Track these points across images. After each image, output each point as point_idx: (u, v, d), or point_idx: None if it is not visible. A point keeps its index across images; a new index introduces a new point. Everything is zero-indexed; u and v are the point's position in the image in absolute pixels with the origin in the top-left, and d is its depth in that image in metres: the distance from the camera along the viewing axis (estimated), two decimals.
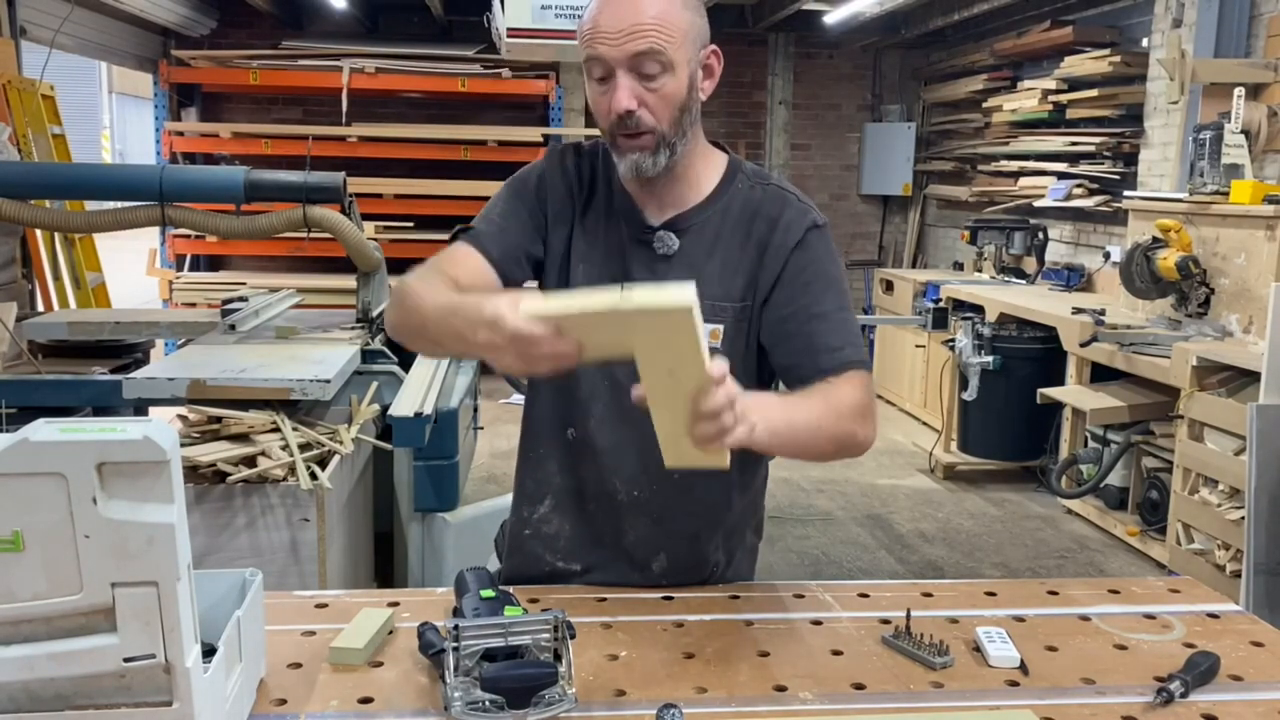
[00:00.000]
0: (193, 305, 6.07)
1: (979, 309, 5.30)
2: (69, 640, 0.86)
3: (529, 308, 1.05)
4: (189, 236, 6.34)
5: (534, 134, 6.57)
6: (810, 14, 6.87)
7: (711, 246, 1.39)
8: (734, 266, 1.39)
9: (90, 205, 3.85)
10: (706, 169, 1.42)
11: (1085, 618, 1.30)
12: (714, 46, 1.36)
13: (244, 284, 5.80)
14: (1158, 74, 4.94)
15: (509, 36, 4.15)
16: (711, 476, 1.42)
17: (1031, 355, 4.96)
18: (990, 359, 5.00)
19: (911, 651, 1.18)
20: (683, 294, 0.98)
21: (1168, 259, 4.13)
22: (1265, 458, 3.13)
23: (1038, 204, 5.96)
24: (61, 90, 4.90)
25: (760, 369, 1.42)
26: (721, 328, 1.38)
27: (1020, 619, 1.29)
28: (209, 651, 0.92)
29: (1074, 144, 5.65)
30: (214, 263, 7.00)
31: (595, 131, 1.60)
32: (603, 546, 1.44)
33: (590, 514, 1.44)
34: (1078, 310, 4.71)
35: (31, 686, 0.86)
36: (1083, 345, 4.36)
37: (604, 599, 1.36)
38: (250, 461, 2.37)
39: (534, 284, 1.45)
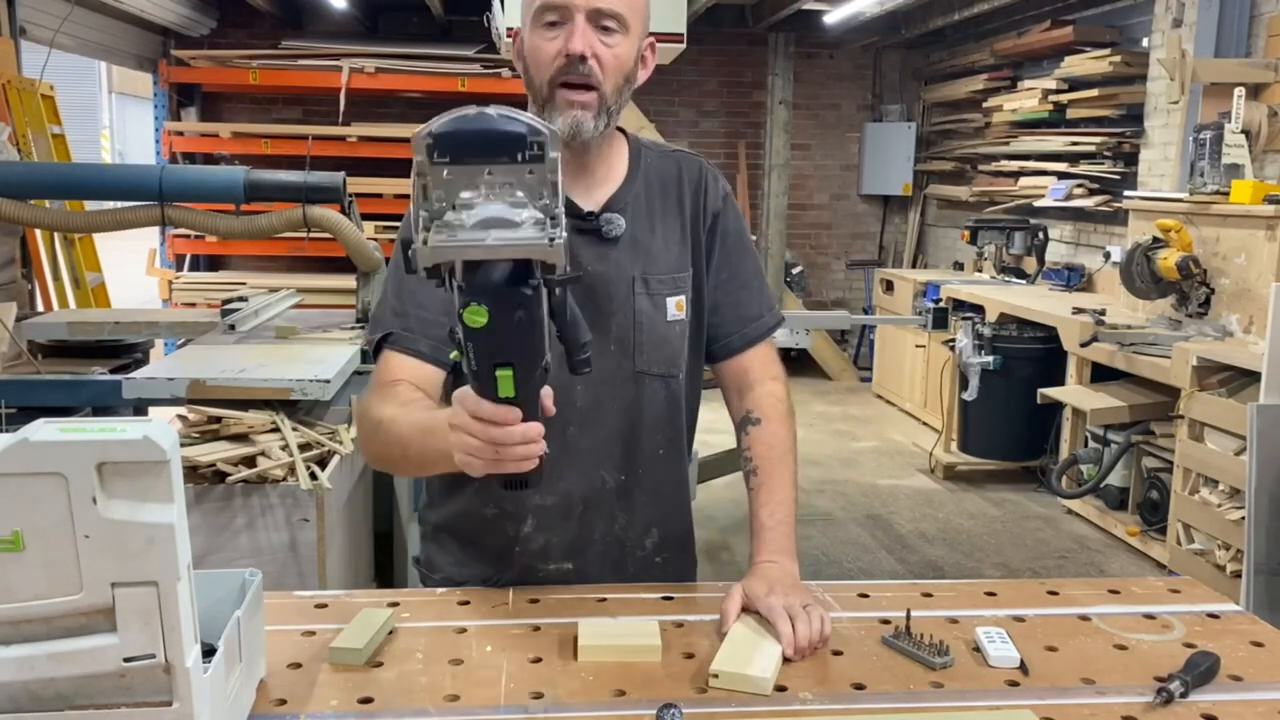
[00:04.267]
0: (192, 305, 6.07)
1: (979, 309, 5.30)
2: (69, 640, 0.86)
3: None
4: (188, 236, 6.34)
5: None
6: (810, 14, 6.87)
7: (649, 221, 1.40)
8: (673, 237, 1.41)
9: (90, 205, 3.85)
10: (618, 149, 1.42)
11: (1085, 618, 1.30)
12: (652, 39, 1.37)
13: (244, 284, 5.80)
14: (1158, 74, 4.95)
15: (509, 36, 4.14)
16: (675, 446, 1.45)
17: (1032, 355, 4.96)
18: (990, 359, 5.00)
19: (911, 652, 1.18)
20: (764, 681, 1.11)
21: (1168, 259, 4.13)
22: (1265, 458, 3.13)
23: (1038, 204, 5.96)
24: (61, 90, 4.90)
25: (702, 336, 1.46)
26: (684, 298, 1.40)
27: (1020, 619, 1.29)
28: (209, 651, 0.92)
29: (1074, 144, 5.65)
30: (214, 263, 7.00)
31: None
32: (594, 541, 1.42)
33: (579, 516, 1.41)
34: (1078, 310, 4.71)
35: (31, 686, 0.86)
36: (1083, 345, 4.36)
37: (604, 599, 1.36)
38: (250, 461, 2.37)
39: None
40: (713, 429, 2.41)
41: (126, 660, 0.86)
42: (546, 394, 1.06)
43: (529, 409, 1.03)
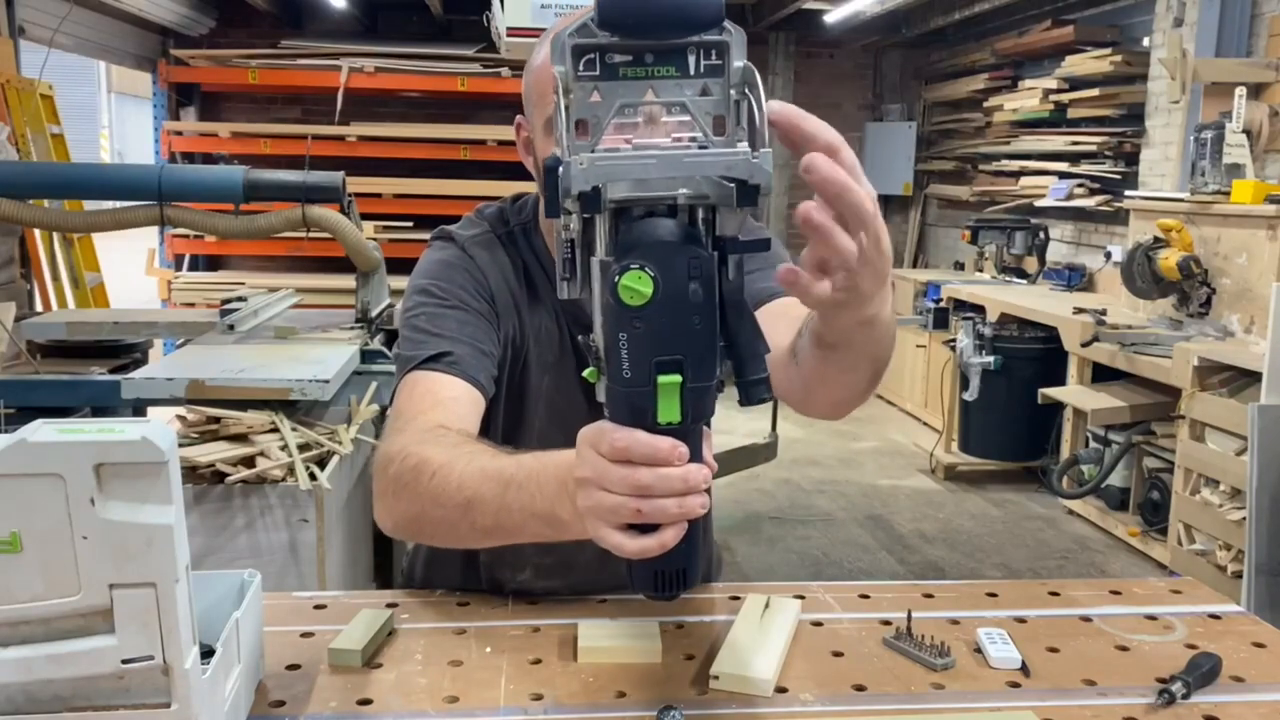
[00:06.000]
0: (191, 305, 6.07)
1: (980, 309, 5.30)
2: (67, 642, 0.86)
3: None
4: (188, 236, 6.33)
5: None
6: (810, 13, 6.87)
7: None
8: None
9: (89, 205, 3.84)
10: None
11: (1087, 619, 1.30)
12: None
13: (243, 284, 5.80)
14: (1159, 73, 4.94)
15: (509, 35, 4.14)
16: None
17: (1032, 355, 4.96)
18: (991, 359, 5.00)
19: (912, 653, 1.18)
20: (765, 683, 1.07)
21: (1169, 259, 4.13)
22: (1266, 458, 3.12)
23: (1039, 204, 5.96)
24: (60, 90, 4.90)
25: None
26: None
27: (1021, 620, 1.29)
28: (208, 653, 0.92)
29: (1075, 143, 5.65)
30: (212, 262, 7.00)
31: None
32: (600, 589, 1.31)
33: (584, 566, 1.28)
34: (1079, 310, 4.71)
35: (30, 688, 0.86)
36: (1084, 345, 4.35)
37: (604, 600, 1.35)
38: (249, 462, 2.36)
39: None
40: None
41: (125, 662, 0.86)
42: (709, 439, 0.80)
43: (693, 446, 0.77)
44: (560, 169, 0.70)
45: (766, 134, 0.72)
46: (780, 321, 1.11)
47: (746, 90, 0.73)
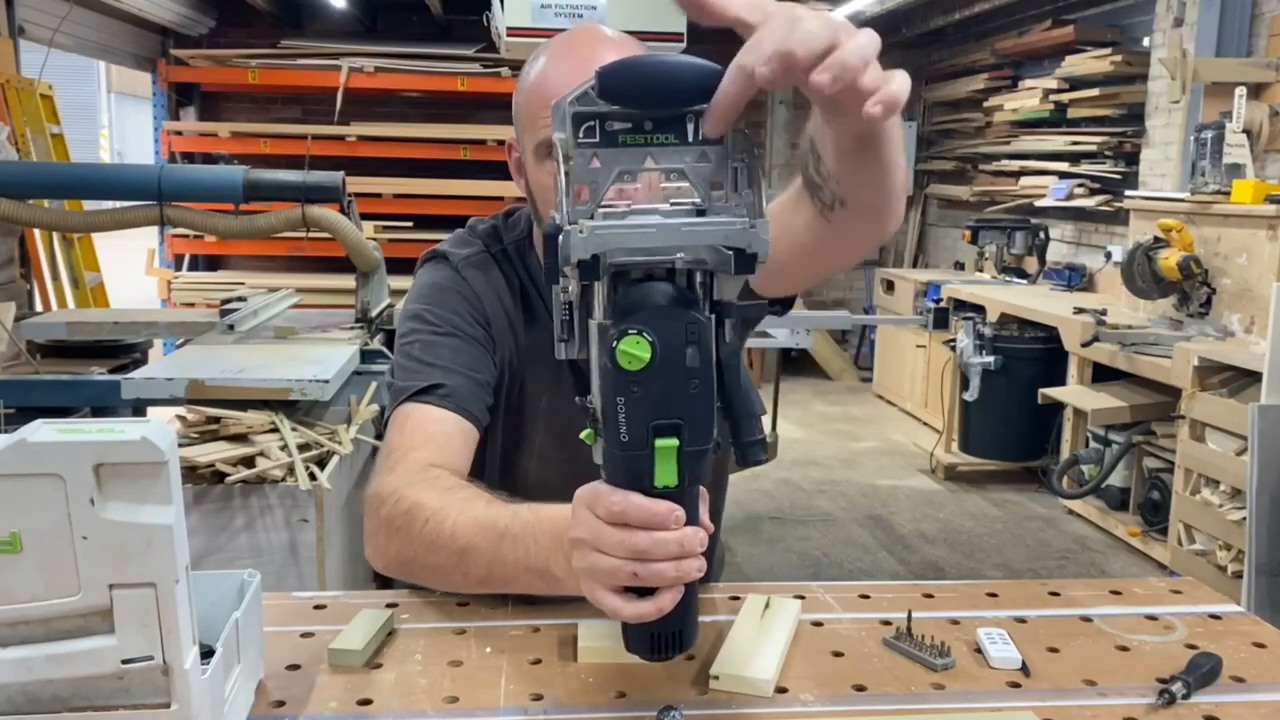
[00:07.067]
0: (191, 305, 6.07)
1: (980, 309, 5.30)
2: (67, 642, 0.86)
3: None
4: (187, 236, 6.33)
5: None
6: None
7: None
8: None
9: (89, 205, 3.85)
10: None
11: (1087, 619, 1.30)
12: None
13: (243, 284, 5.80)
14: (1159, 73, 4.94)
15: (509, 35, 4.15)
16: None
17: (1033, 355, 4.96)
18: (991, 359, 5.00)
19: (912, 653, 1.18)
20: (764, 683, 1.06)
21: (1169, 259, 4.13)
22: (1267, 458, 3.12)
23: (1039, 204, 5.96)
24: (60, 89, 4.90)
25: None
26: None
27: (1021, 620, 1.29)
28: (207, 653, 0.92)
29: (1075, 143, 5.65)
30: (212, 262, 7.00)
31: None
32: None
33: None
34: (1079, 310, 4.71)
35: (29, 688, 0.86)
36: (1084, 345, 4.35)
37: None
38: (249, 462, 2.37)
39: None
40: None
41: (124, 662, 0.86)
42: (705, 500, 0.80)
43: (689, 509, 0.77)
44: (560, 237, 0.71)
45: (764, 202, 0.74)
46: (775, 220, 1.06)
47: (744, 157, 0.75)
